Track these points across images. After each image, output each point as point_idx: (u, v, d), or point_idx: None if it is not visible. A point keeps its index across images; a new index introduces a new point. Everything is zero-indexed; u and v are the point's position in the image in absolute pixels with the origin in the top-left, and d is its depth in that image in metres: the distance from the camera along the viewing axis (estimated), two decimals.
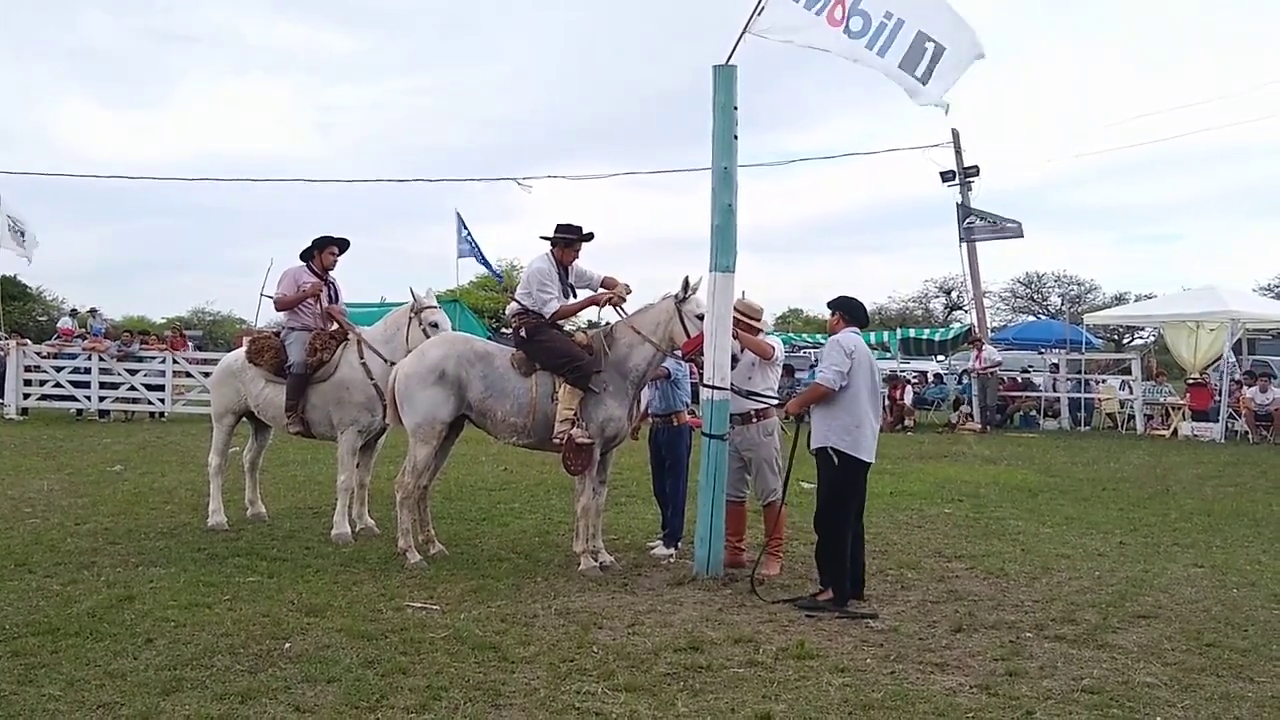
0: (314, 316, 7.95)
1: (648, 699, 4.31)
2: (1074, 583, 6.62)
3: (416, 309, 7.69)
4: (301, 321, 7.91)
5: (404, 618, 5.45)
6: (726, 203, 6.59)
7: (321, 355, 7.69)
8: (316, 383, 7.67)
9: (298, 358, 7.68)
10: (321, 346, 7.73)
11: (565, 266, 7.03)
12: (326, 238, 8.14)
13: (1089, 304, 47.90)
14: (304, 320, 7.92)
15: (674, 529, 7.37)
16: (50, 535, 7.52)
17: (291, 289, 7.93)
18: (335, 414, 7.65)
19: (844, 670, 4.72)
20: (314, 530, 7.93)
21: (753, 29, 6.67)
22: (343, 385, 7.62)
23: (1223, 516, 9.38)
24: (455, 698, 4.27)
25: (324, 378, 7.66)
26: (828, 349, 6.15)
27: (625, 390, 6.76)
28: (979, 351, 20.41)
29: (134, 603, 5.64)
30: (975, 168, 22.79)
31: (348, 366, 7.66)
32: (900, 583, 6.56)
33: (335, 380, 7.64)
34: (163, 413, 18.48)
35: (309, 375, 7.65)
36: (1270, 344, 25.20)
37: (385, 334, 7.74)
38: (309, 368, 7.65)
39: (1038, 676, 4.70)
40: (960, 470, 12.69)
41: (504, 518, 8.68)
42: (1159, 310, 23.33)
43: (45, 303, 44.33)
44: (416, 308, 7.69)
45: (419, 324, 7.62)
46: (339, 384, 7.63)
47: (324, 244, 8.11)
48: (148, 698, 4.19)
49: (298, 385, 7.66)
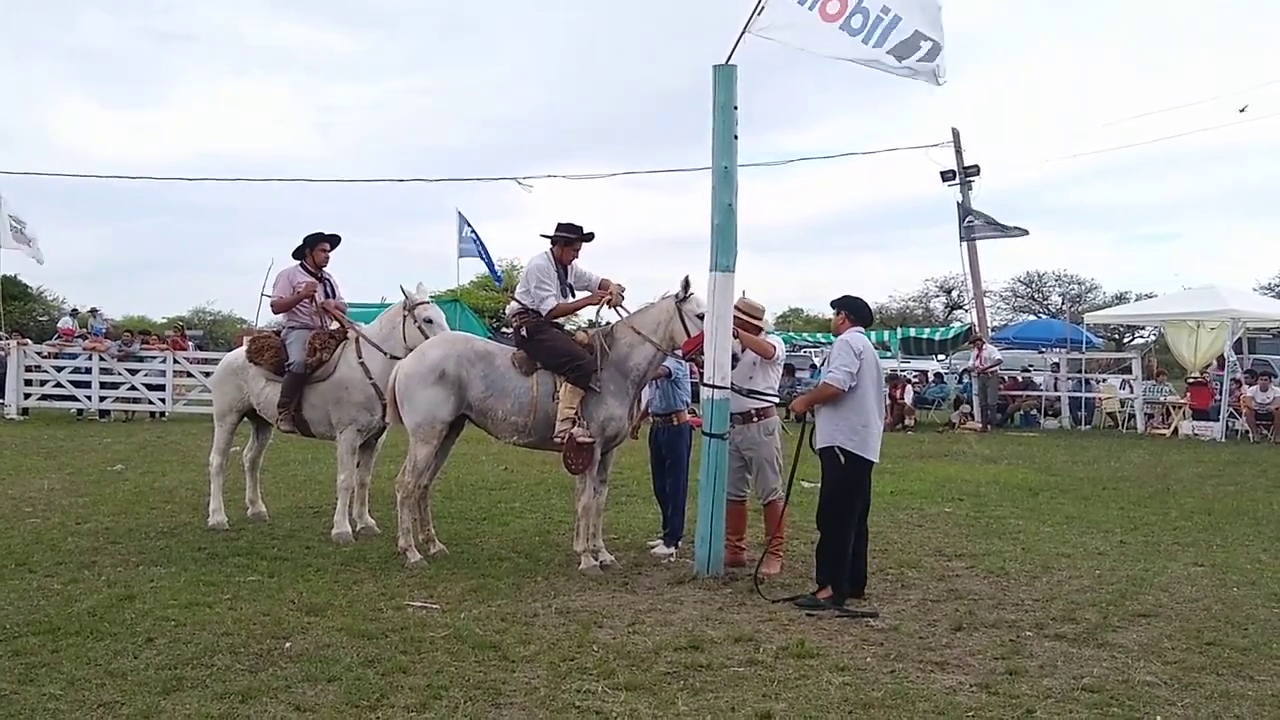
0: (311, 315, 7.96)
1: (648, 698, 4.31)
2: (1074, 581, 6.62)
3: (409, 306, 7.67)
4: (300, 320, 7.92)
5: (404, 617, 5.45)
6: (727, 202, 6.59)
7: (321, 355, 7.69)
8: (315, 382, 7.67)
9: (297, 357, 7.68)
10: (321, 346, 7.73)
11: (564, 265, 7.03)
12: (317, 235, 8.15)
13: (1089, 303, 47.90)
14: (302, 319, 7.93)
15: (674, 528, 7.38)
16: (51, 535, 7.53)
17: (287, 290, 7.94)
18: (334, 413, 7.65)
19: (844, 669, 4.72)
20: (314, 529, 7.94)
21: (753, 28, 6.67)
22: (341, 385, 7.62)
23: (1223, 515, 9.38)
24: (455, 696, 4.28)
25: (323, 377, 7.67)
26: (836, 349, 6.15)
27: (626, 390, 6.76)
28: (979, 351, 20.41)
29: (134, 602, 5.64)
30: (975, 167, 22.79)
31: (347, 366, 7.65)
32: (901, 581, 6.56)
33: (334, 380, 7.64)
34: (163, 412, 18.49)
35: (307, 375, 7.66)
36: (1270, 343, 25.19)
37: (382, 332, 7.73)
38: (308, 368, 7.66)
39: (1038, 675, 4.70)
40: (961, 469, 12.69)
41: (504, 517, 8.68)
42: (1159, 309, 23.34)
43: (46, 302, 44.34)
44: (409, 304, 7.68)
45: (413, 321, 7.61)
46: (338, 383, 7.63)
47: (315, 241, 8.12)
48: (148, 697, 4.19)
49: (294, 384, 7.67)
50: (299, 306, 7.94)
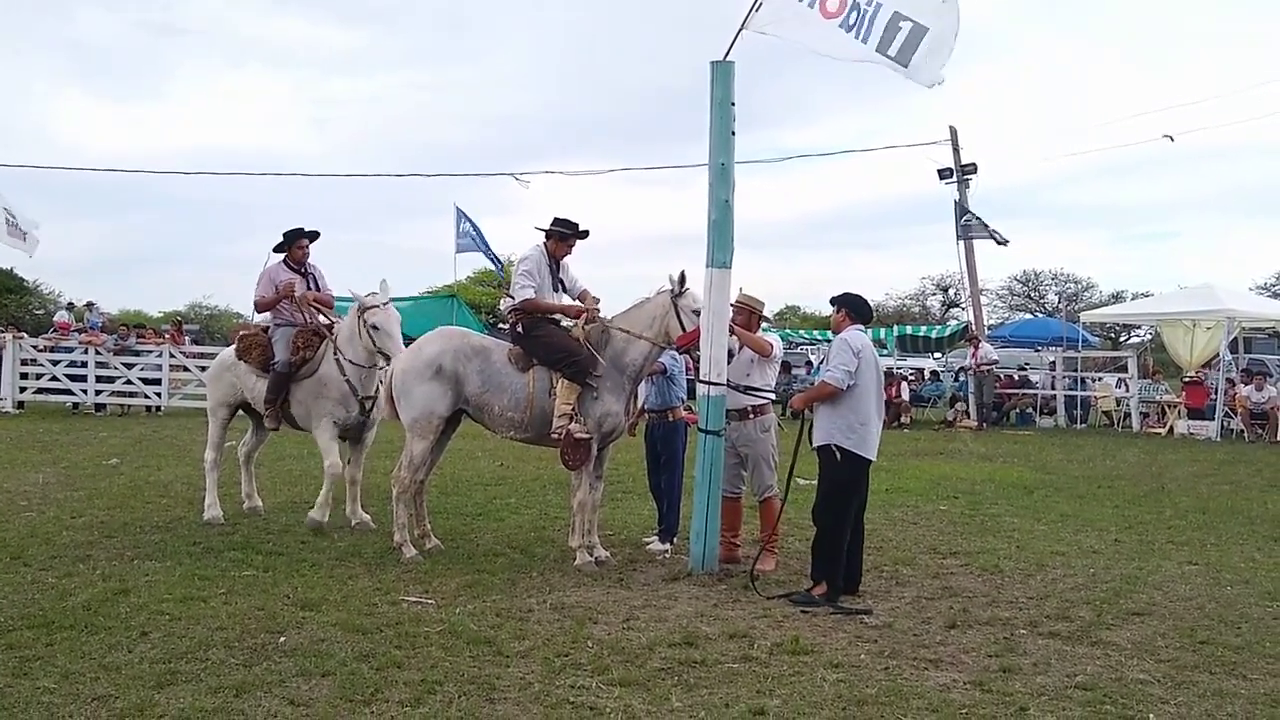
0: (293, 312, 7.97)
1: (642, 694, 4.31)
2: (1068, 580, 6.63)
3: (360, 309, 7.63)
4: (284, 318, 7.96)
5: (399, 612, 5.45)
6: (724, 199, 6.58)
7: (305, 354, 7.74)
8: (300, 379, 7.73)
9: (282, 355, 7.75)
10: (304, 344, 7.77)
11: (557, 260, 7.03)
12: (296, 231, 8.13)
13: (1086, 302, 47.97)
14: (285, 317, 7.96)
15: (669, 524, 7.38)
16: (46, 528, 7.52)
17: (269, 289, 7.97)
18: (312, 407, 7.71)
19: (838, 666, 4.73)
20: None
21: (750, 25, 6.66)
22: (322, 381, 7.68)
23: (1217, 514, 9.40)
24: (450, 691, 4.28)
25: (308, 374, 7.72)
26: (835, 347, 6.14)
27: (622, 386, 6.76)
28: (975, 349, 20.44)
29: (129, 596, 5.64)
30: (973, 165, 22.81)
31: (328, 363, 7.70)
32: (895, 579, 6.57)
33: (317, 376, 7.70)
34: (159, 407, 18.46)
35: (292, 373, 7.71)
36: (1266, 343, 25.27)
37: (347, 335, 7.72)
38: (293, 366, 7.71)
39: (1031, 673, 4.71)
40: (956, 467, 12.71)
41: (500, 513, 8.68)
42: (1156, 309, 23.37)
43: (42, 296, 44.22)
44: (360, 307, 7.64)
45: (363, 325, 7.54)
46: (319, 380, 7.69)
47: (294, 238, 8.11)
48: (142, 691, 4.19)
49: (278, 382, 7.73)
50: (282, 304, 7.95)
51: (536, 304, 6.86)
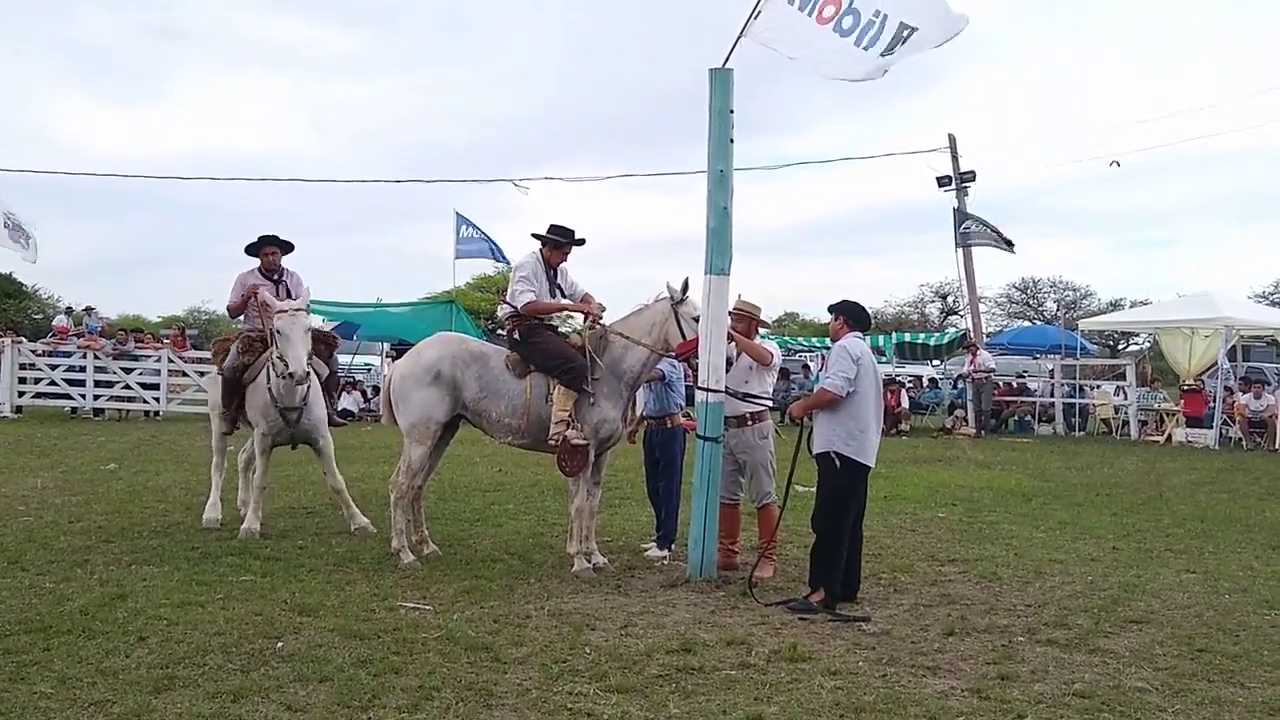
0: (254, 318, 7.98)
1: (640, 700, 4.31)
2: (1066, 587, 6.63)
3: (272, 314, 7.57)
4: (252, 324, 8.00)
5: (397, 618, 5.45)
6: (722, 205, 6.59)
7: (244, 359, 7.81)
8: (248, 384, 7.81)
9: (229, 360, 7.88)
10: (245, 350, 7.84)
11: (553, 267, 7.04)
12: (267, 237, 8.11)
13: (1084, 310, 47.99)
14: (253, 321, 8.01)
15: (667, 531, 7.38)
16: (44, 533, 7.51)
17: (238, 294, 8.02)
18: (250, 415, 7.84)
19: (836, 673, 4.73)
20: (307, 530, 7.95)
21: (749, 33, 6.67)
22: (255, 389, 7.76)
23: (1216, 522, 9.41)
24: (447, 698, 4.27)
25: (251, 379, 7.80)
26: (834, 355, 6.16)
27: (620, 392, 6.76)
28: (974, 356, 20.46)
29: (127, 601, 5.63)
30: (971, 173, 22.90)
31: (264, 372, 7.69)
32: (893, 586, 6.57)
33: (255, 383, 7.77)
34: (157, 411, 18.46)
35: (237, 377, 7.81)
36: (1264, 351, 25.27)
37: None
38: (236, 371, 7.80)
39: (1029, 680, 4.71)
40: (954, 475, 12.71)
41: (498, 519, 8.68)
42: (1154, 316, 23.40)
43: (41, 300, 44.17)
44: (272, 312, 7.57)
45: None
46: (254, 388, 7.77)
47: (261, 244, 8.09)
48: (140, 696, 4.19)
49: (226, 387, 7.91)
50: (250, 310, 7.99)
51: (539, 306, 6.87)
